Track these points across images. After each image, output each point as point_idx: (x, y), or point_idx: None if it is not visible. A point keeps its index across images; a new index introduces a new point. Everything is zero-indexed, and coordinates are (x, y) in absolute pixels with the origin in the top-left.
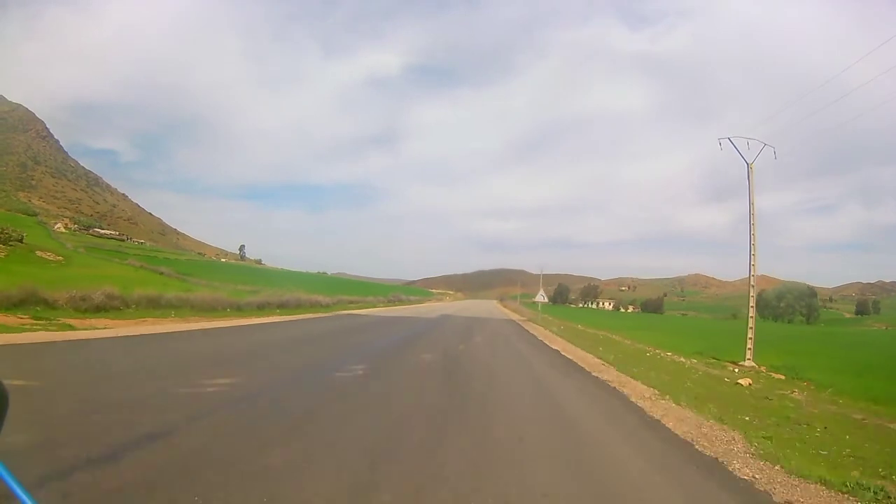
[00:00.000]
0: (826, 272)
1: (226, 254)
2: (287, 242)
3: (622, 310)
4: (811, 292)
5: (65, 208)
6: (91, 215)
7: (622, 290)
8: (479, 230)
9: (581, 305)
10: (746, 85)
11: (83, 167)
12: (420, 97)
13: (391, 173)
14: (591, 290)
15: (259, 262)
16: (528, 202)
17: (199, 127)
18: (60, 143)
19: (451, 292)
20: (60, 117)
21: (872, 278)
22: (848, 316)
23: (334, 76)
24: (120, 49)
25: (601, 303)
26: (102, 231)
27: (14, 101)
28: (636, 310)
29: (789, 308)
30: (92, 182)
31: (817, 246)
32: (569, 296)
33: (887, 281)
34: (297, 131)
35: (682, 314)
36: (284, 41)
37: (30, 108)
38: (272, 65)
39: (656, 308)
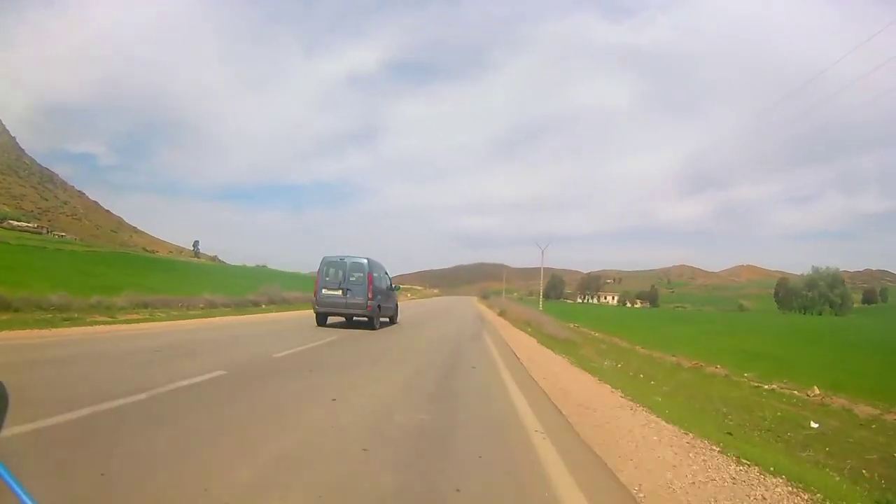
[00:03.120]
0: (810, 262)
1: (181, 251)
2: (268, 242)
3: (628, 304)
4: (840, 279)
5: (3, 204)
6: (31, 211)
7: (608, 283)
8: (460, 226)
9: (580, 300)
10: (728, 77)
11: (39, 165)
12: (400, 94)
13: (371, 171)
14: (592, 282)
15: (215, 258)
16: (508, 198)
17: (178, 129)
18: (17, 141)
19: (419, 288)
20: (38, 122)
21: (860, 267)
22: (857, 306)
23: (315, 75)
24: (99, 52)
25: (604, 297)
26: (17, 223)
27: None
28: (644, 304)
29: (822, 298)
30: (45, 179)
31: (800, 235)
32: (563, 289)
33: (875, 269)
34: (278, 131)
35: (678, 307)
36: (265, 42)
37: None
38: (252, 65)
39: (652, 301)
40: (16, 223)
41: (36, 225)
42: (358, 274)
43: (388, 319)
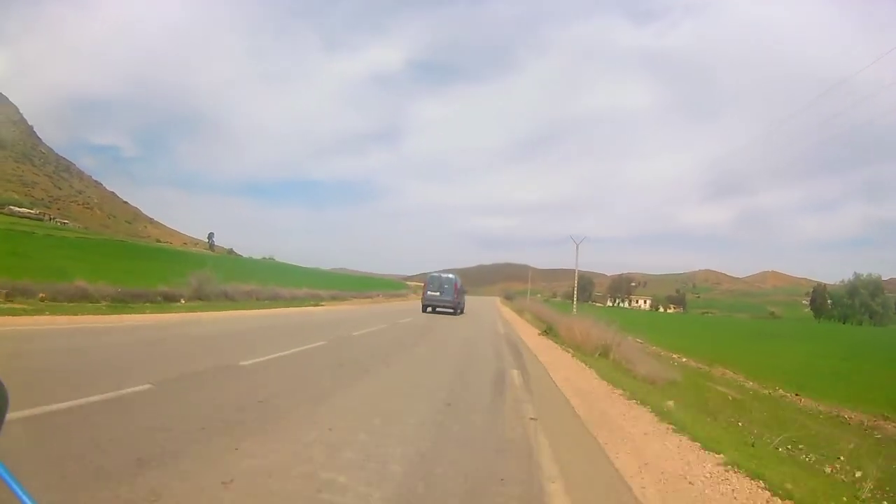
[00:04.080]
0: (835, 270)
1: (196, 243)
2: (289, 238)
3: (661, 309)
4: (881, 287)
5: (12, 191)
6: (42, 199)
7: (633, 286)
8: (480, 226)
9: (610, 304)
10: (751, 82)
11: (56, 154)
12: (422, 93)
13: (392, 169)
14: (623, 285)
15: (231, 251)
16: (530, 199)
17: (199, 123)
18: (35, 130)
19: None
20: (62, 113)
21: (886, 275)
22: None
23: (337, 72)
24: (122, 46)
25: (635, 300)
26: (19, 209)
27: None
28: (678, 309)
29: (862, 307)
30: (62, 168)
31: (824, 242)
32: (593, 291)
33: (885, 278)
34: (299, 128)
35: (706, 313)
36: (287, 38)
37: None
38: (274, 61)
39: (682, 306)
40: (17, 209)
41: (37, 212)
42: (448, 283)
43: (461, 310)
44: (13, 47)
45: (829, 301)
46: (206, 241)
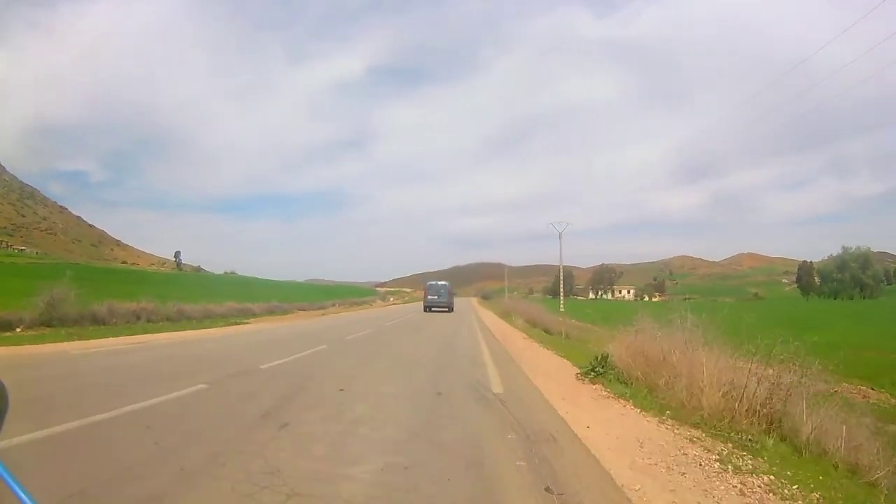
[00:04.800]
0: (808, 247)
1: (163, 262)
2: (262, 252)
3: (646, 298)
4: (871, 259)
5: None
6: (4, 227)
7: (615, 276)
8: (455, 228)
9: (592, 297)
10: (716, 65)
11: (21, 181)
12: (389, 98)
13: (363, 177)
14: (605, 276)
15: (198, 268)
16: (503, 197)
17: (167, 143)
18: None
19: (407, 290)
20: (28, 142)
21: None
22: None
23: (302, 83)
24: (84, 70)
25: (618, 291)
26: None
27: None
28: (663, 297)
29: (853, 280)
30: (26, 196)
31: (797, 221)
32: (574, 284)
33: (875, 251)
34: (268, 141)
35: (688, 298)
36: (251, 52)
37: None
38: (239, 76)
39: (661, 293)
40: None
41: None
42: (443, 289)
43: (451, 308)
44: None
45: (816, 278)
46: (174, 260)
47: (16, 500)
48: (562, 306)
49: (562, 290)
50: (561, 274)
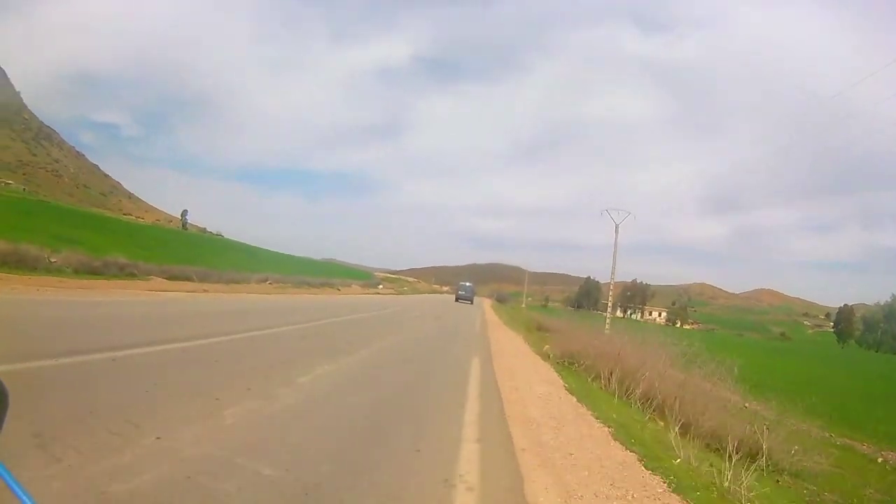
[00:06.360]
0: (828, 291)
1: (170, 220)
2: (281, 226)
3: (679, 324)
4: None
5: None
6: (9, 162)
7: (628, 295)
8: (475, 227)
9: (620, 314)
10: (754, 101)
11: (39, 121)
12: (427, 90)
13: (391, 164)
14: (638, 294)
15: (204, 230)
16: (526, 203)
17: (202, 107)
18: (21, 95)
19: (411, 280)
20: (62, 87)
21: (871, 300)
22: None
23: (341, 64)
24: (127, 23)
25: (650, 312)
26: None
27: None
28: (695, 325)
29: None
30: (42, 136)
31: (819, 264)
32: (599, 298)
33: (882, 303)
34: (300, 116)
35: (712, 329)
36: (294, 25)
37: None
38: (280, 48)
39: (684, 320)
40: None
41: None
42: (469, 287)
43: (472, 302)
44: (18, 17)
45: (859, 325)
46: (181, 218)
47: (16, 501)
48: (607, 326)
49: (610, 303)
50: (612, 285)
